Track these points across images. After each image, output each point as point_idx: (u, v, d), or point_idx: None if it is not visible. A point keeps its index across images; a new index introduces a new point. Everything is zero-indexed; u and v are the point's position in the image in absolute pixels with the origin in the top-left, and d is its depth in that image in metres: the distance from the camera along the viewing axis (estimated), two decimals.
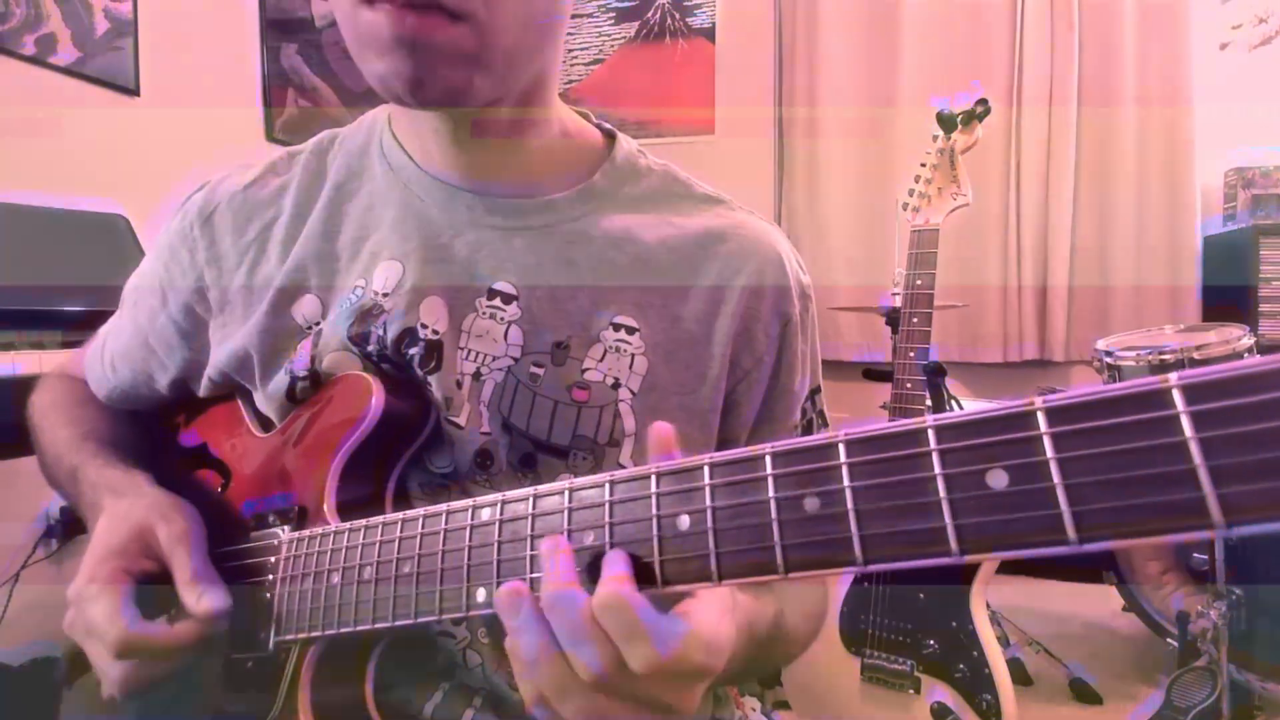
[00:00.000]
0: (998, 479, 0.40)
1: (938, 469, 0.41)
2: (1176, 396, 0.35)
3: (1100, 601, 3.26)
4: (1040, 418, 0.39)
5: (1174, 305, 3.63)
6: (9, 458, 1.64)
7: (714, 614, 0.54)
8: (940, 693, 1.97)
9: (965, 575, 1.99)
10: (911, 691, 1.99)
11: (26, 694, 2.13)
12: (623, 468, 0.81)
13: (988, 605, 2.16)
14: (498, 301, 0.83)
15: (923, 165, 2.27)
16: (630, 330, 0.84)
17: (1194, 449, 0.35)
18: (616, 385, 0.83)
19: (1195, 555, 2.58)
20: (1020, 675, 2.73)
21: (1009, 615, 2.93)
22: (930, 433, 0.42)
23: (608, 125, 0.95)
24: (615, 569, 0.53)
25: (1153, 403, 0.36)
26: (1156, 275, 3.66)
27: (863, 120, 4.06)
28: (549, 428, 0.82)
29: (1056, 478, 0.38)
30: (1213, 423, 0.34)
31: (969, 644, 1.95)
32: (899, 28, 3.97)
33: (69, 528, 2.46)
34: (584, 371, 0.83)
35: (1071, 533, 0.37)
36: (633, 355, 0.84)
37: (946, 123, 2.24)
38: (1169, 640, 2.70)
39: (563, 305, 0.84)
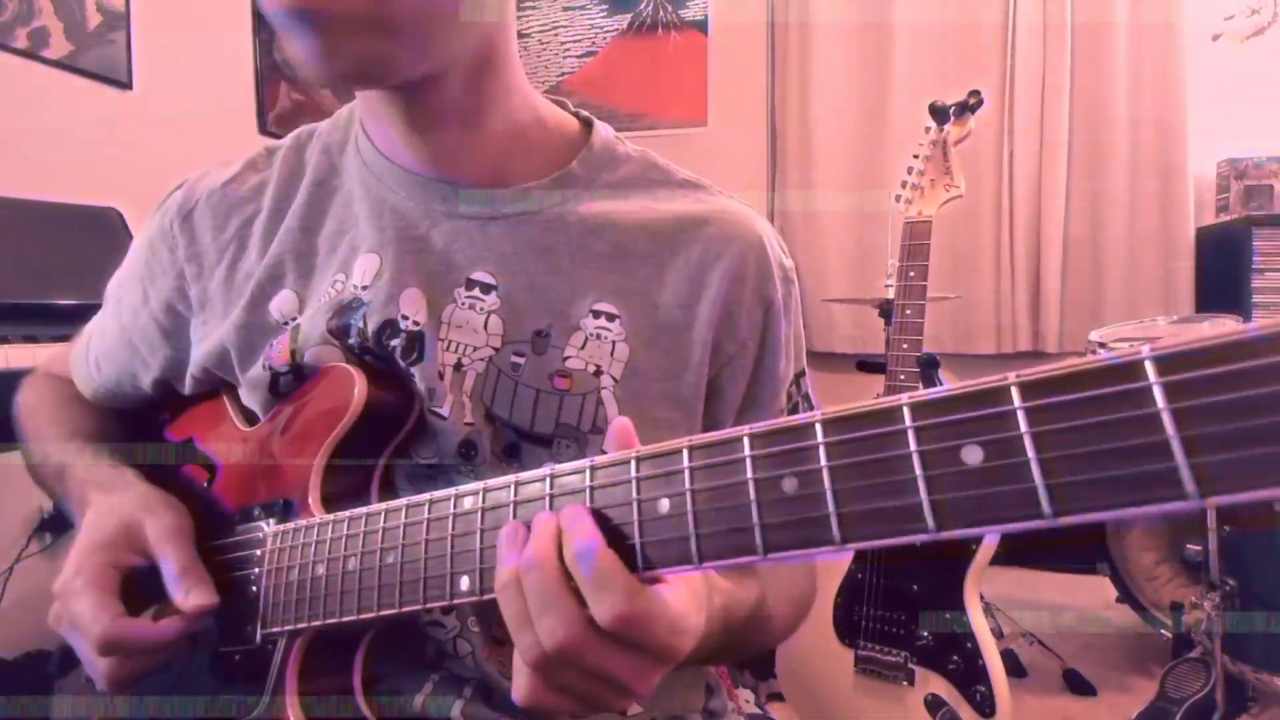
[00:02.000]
0: (972, 455, 0.39)
1: (913, 446, 0.41)
2: (1149, 368, 0.35)
3: (1094, 592, 3.27)
4: (1014, 392, 0.38)
5: (1167, 296, 3.63)
6: (3, 452, 1.64)
7: (683, 598, 0.55)
8: (934, 684, 1.97)
9: (959, 566, 1.99)
10: (905, 683, 2.00)
11: (21, 687, 2.13)
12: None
13: (981, 597, 2.16)
14: (476, 291, 0.83)
15: (915, 157, 2.26)
16: (611, 317, 0.83)
17: (1166, 420, 0.34)
18: (598, 373, 0.82)
19: (1189, 546, 2.58)
20: (1014, 667, 2.73)
21: (1003, 607, 2.93)
22: (905, 410, 0.42)
23: (584, 113, 0.94)
24: (582, 523, 0.54)
25: (1125, 375, 0.36)
26: (1149, 266, 3.66)
27: (856, 112, 4.06)
28: (531, 417, 0.82)
29: (1031, 452, 0.38)
30: (1185, 394, 0.34)
31: (963, 635, 1.95)
32: (892, 18, 3.96)
33: (64, 522, 2.46)
34: (565, 359, 0.82)
35: (1046, 507, 0.37)
36: (614, 342, 0.83)
37: (939, 114, 2.24)
38: (1163, 632, 2.70)
39: (542, 293, 0.83)
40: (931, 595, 2.01)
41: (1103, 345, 2.54)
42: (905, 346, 2.13)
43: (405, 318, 0.82)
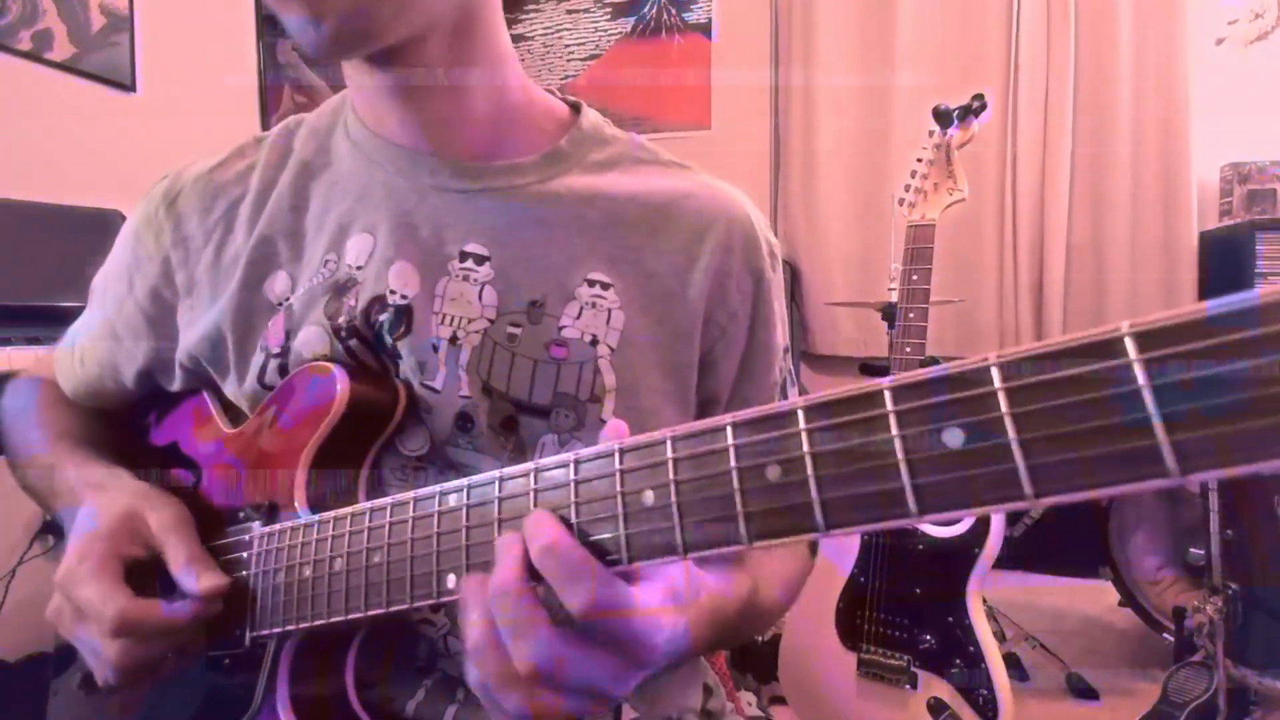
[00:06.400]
0: (954, 437, 0.39)
1: (894, 430, 0.41)
2: (1129, 345, 0.35)
3: (1096, 596, 3.26)
4: (994, 373, 0.38)
5: (1170, 301, 3.62)
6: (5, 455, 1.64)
7: (655, 596, 0.55)
8: (937, 688, 1.97)
9: (962, 570, 1.98)
10: (908, 687, 1.99)
11: (21, 690, 2.14)
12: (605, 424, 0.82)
13: (984, 601, 2.16)
14: (470, 263, 0.83)
15: (919, 161, 2.26)
16: (605, 286, 0.84)
17: (1147, 397, 0.34)
18: (595, 341, 0.83)
19: (1192, 550, 2.57)
20: (1017, 670, 2.73)
21: (1005, 610, 2.93)
22: (887, 394, 0.42)
23: (573, 98, 0.95)
24: (545, 523, 0.54)
25: (1105, 352, 0.36)
26: (1153, 271, 3.65)
27: (859, 115, 4.05)
28: (530, 388, 0.82)
29: (1012, 433, 0.37)
30: (1165, 370, 0.34)
31: (966, 639, 1.95)
32: (895, 23, 3.95)
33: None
34: (561, 329, 0.82)
35: (1028, 488, 0.37)
36: (609, 310, 0.83)
37: (943, 118, 2.24)
38: (1165, 635, 2.69)
39: (536, 264, 0.84)
40: (934, 599, 2.01)
41: None
42: (908, 350, 2.13)
43: (394, 292, 0.82)
